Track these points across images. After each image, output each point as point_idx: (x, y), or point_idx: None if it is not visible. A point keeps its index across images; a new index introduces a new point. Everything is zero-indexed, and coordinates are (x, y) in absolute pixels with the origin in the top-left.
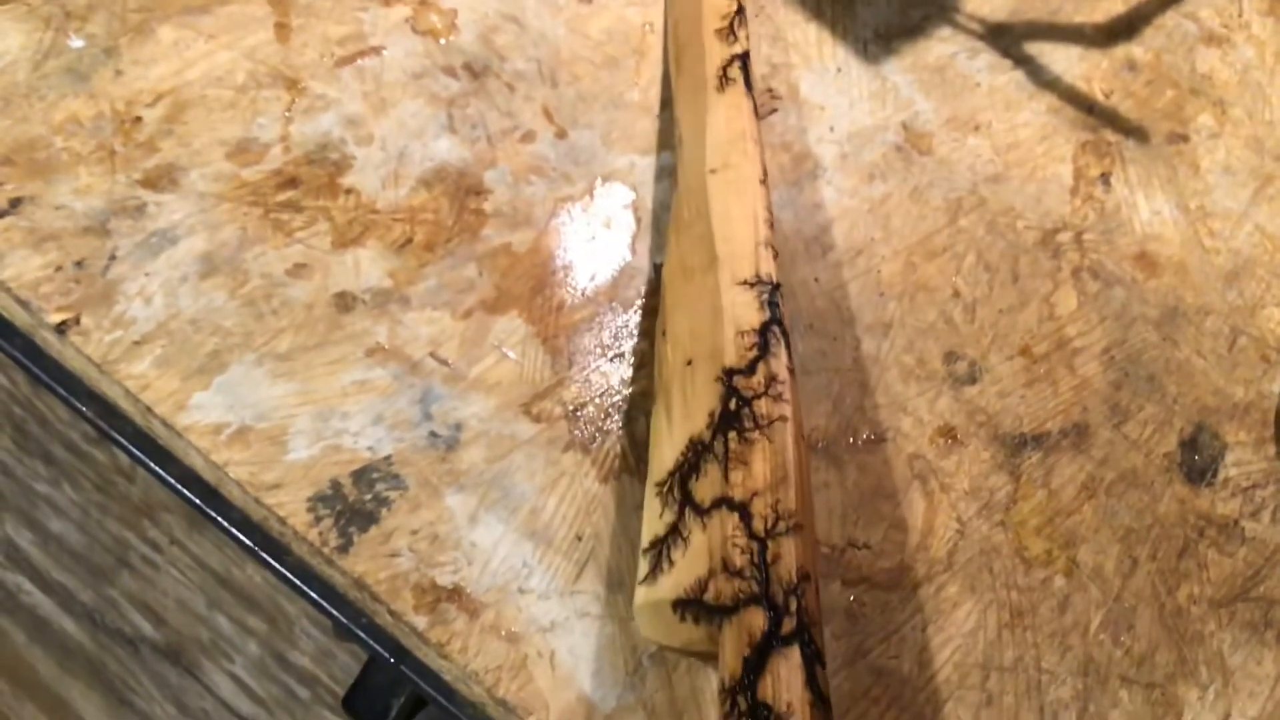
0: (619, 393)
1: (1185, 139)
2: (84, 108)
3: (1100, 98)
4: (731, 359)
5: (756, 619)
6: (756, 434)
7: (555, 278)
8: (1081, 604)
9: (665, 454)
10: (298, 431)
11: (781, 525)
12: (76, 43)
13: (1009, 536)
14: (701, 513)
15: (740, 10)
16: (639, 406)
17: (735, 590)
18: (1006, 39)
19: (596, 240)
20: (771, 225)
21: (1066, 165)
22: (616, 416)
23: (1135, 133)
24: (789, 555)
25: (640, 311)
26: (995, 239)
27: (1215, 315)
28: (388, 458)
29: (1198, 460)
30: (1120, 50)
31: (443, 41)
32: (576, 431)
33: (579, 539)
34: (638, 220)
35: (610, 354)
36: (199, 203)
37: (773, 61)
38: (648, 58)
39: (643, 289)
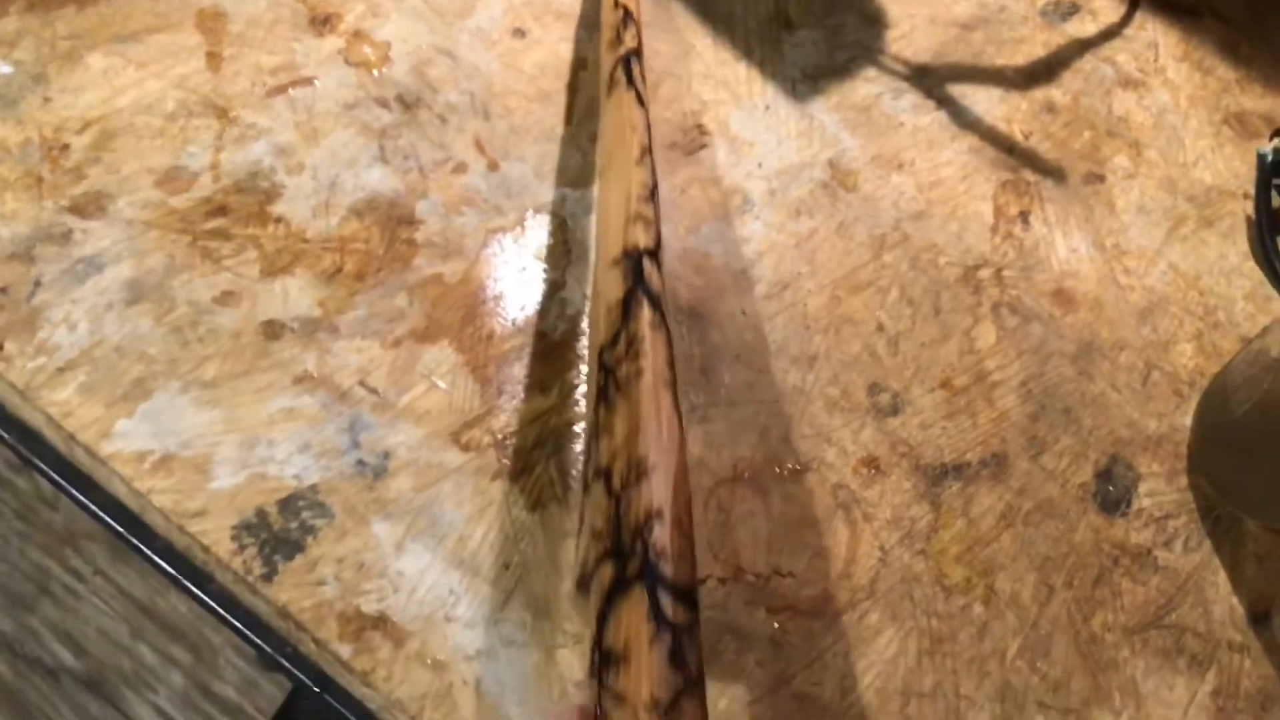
0: (548, 421)
1: (1102, 179)
2: (11, 133)
3: (1020, 139)
4: (603, 336)
5: (607, 571)
6: (618, 397)
7: (486, 308)
8: (999, 631)
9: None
10: (222, 459)
11: (633, 475)
12: (4, 69)
13: (929, 565)
14: (586, 490)
15: (627, 15)
16: (566, 436)
17: (597, 553)
18: (930, 80)
19: (527, 271)
20: (651, 194)
21: (987, 204)
22: (546, 445)
23: (1054, 173)
24: (638, 499)
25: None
26: (918, 274)
27: (1130, 350)
28: (314, 486)
29: (1112, 491)
30: (1040, 93)
31: (375, 73)
32: (505, 460)
33: (506, 567)
34: (569, 252)
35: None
36: (126, 230)
37: (703, 98)
38: (581, 91)
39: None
